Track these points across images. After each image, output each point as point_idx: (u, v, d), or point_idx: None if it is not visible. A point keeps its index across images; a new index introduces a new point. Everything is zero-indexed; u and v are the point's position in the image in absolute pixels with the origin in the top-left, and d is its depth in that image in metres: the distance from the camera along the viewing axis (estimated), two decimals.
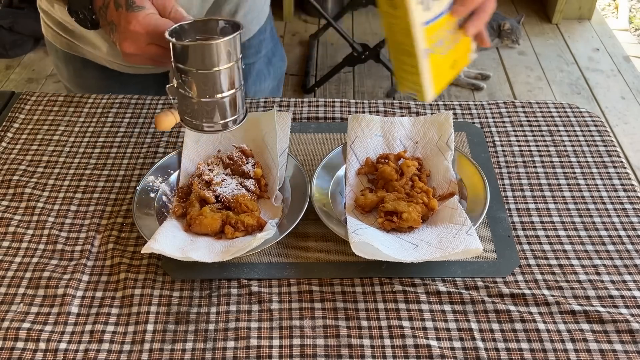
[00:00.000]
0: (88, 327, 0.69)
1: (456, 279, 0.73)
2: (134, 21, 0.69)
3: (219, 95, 0.69)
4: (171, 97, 0.71)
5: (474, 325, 0.68)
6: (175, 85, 0.69)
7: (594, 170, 0.88)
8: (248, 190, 0.81)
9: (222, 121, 0.71)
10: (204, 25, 0.71)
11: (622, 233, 0.79)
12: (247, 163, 0.84)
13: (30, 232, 0.80)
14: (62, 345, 0.67)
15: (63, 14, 1.00)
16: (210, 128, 0.71)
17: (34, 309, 0.70)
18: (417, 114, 0.98)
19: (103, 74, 1.07)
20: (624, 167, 0.88)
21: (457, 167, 0.84)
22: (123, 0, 0.71)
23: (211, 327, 0.69)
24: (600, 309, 0.69)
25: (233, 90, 0.69)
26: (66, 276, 0.74)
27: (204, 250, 0.73)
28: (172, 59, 0.68)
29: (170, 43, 0.66)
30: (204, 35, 0.71)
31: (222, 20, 0.71)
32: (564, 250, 0.76)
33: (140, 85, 1.09)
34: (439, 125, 0.87)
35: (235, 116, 0.72)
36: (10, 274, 0.75)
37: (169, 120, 0.71)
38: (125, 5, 0.70)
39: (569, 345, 0.66)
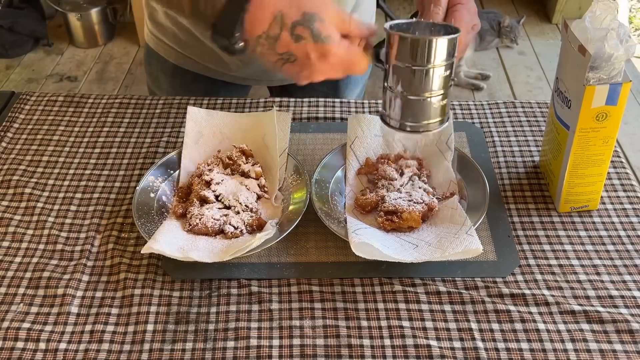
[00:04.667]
0: (88, 327, 0.69)
1: (456, 279, 0.73)
2: (329, 54, 0.67)
3: (435, 93, 0.68)
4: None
5: (474, 325, 0.68)
6: (387, 84, 0.69)
7: None
8: (248, 190, 0.81)
9: (433, 120, 0.70)
10: (413, 26, 0.71)
11: (622, 233, 0.79)
12: (247, 163, 0.84)
13: (30, 232, 0.80)
14: (62, 345, 0.67)
15: (181, 30, 1.02)
16: (423, 129, 0.70)
17: (34, 309, 0.70)
18: None
19: (212, 85, 1.09)
20: (624, 167, 0.88)
21: (457, 167, 0.84)
22: (306, 31, 0.66)
23: (211, 327, 0.69)
24: (600, 309, 0.69)
25: (445, 90, 0.69)
26: (66, 276, 0.74)
27: (204, 250, 0.73)
28: (389, 55, 0.68)
29: (397, 36, 0.66)
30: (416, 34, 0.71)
31: (426, 22, 0.71)
32: (564, 250, 0.76)
33: (244, 90, 1.12)
34: None
35: (444, 117, 0.71)
36: (10, 274, 0.75)
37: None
38: (312, 37, 0.66)
39: (569, 345, 0.66)
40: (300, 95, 1.02)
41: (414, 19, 0.72)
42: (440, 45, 0.65)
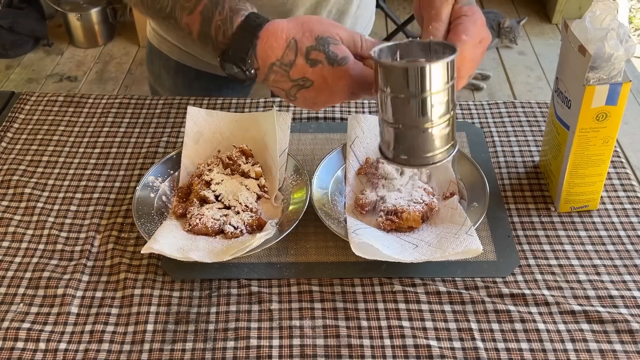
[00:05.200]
0: (88, 327, 0.69)
1: (456, 279, 0.73)
2: (345, 76, 0.65)
3: (435, 123, 0.62)
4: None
5: (474, 325, 0.68)
6: (383, 116, 0.63)
7: None
8: (248, 190, 0.81)
9: (439, 150, 0.63)
10: (405, 48, 0.65)
11: (622, 233, 0.78)
12: (247, 163, 0.84)
13: (30, 232, 0.80)
14: (62, 345, 0.67)
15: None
16: (429, 161, 0.64)
17: (34, 309, 0.70)
18: None
19: (214, 83, 1.09)
20: (624, 167, 0.88)
21: (457, 167, 0.84)
22: (321, 55, 0.65)
23: (211, 327, 0.69)
24: (600, 309, 0.69)
25: (448, 116, 0.62)
26: (66, 276, 0.74)
27: (204, 250, 0.73)
28: (382, 85, 0.61)
29: (381, 66, 0.61)
30: (408, 58, 0.66)
31: (421, 42, 0.65)
32: (564, 250, 0.76)
33: (247, 88, 1.12)
34: None
35: (451, 143, 0.65)
36: (10, 274, 0.75)
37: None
38: (327, 60, 0.65)
39: (569, 345, 0.66)
40: None
41: (406, 40, 0.67)
42: (434, 71, 0.59)
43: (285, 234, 0.74)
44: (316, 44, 0.66)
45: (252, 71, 0.68)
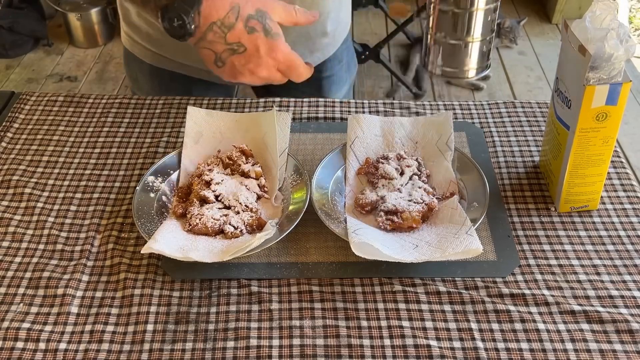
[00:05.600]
0: (88, 327, 0.69)
1: (456, 279, 0.73)
2: (277, 49, 0.71)
3: (477, 38, 0.70)
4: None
5: (474, 325, 0.68)
6: (431, 30, 0.70)
7: None
8: (248, 190, 0.81)
9: (479, 66, 0.71)
10: None
11: (622, 233, 0.79)
12: (247, 163, 0.84)
13: (30, 232, 0.80)
14: (62, 345, 0.67)
15: (154, 29, 1.02)
16: (462, 74, 0.72)
17: (34, 309, 0.70)
18: (417, 114, 0.98)
19: (191, 84, 1.10)
20: (624, 167, 0.88)
21: (457, 167, 0.84)
22: (259, 25, 0.71)
23: (211, 327, 0.69)
24: (600, 309, 0.69)
25: (491, 35, 0.70)
26: (66, 276, 0.74)
27: (204, 250, 0.73)
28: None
29: None
30: None
31: None
32: (564, 250, 0.76)
33: (224, 89, 1.12)
34: (438, 126, 0.87)
35: (488, 62, 0.73)
36: (10, 274, 0.75)
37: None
38: (263, 31, 0.71)
39: (569, 345, 0.66)
40: (284, 96, 1.02)
41: None
42: None
43: (285, 234, 0.75)
44: (255, 14, 0.71)
45: (192, 27, 0.72)
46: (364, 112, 0.99)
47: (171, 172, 0.85)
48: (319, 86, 1.17)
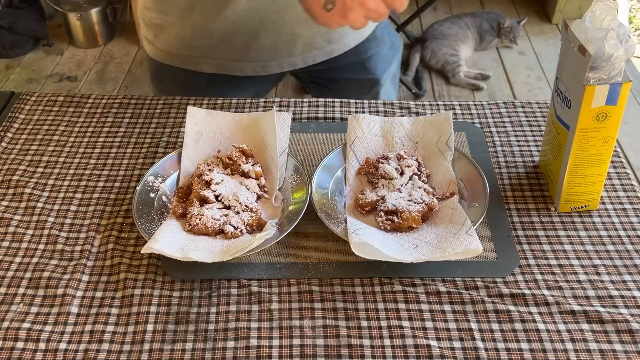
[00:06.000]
0: (88, 327, 0.69)
1: (456, 279, 0.73)
2: None
3: None
4: None
5: (474, 325, 0.68)
6: None
7: None
8: (248, 190, 0.81)
9: None
10: None
11: (622, 233, 0.78)
12: (247, 163, 0.84)
13: (30, 232, 0.80)
14: (62, 345, 0.67)
15: (189, 28, 1.03)
16: None
17: (34, 309, 0.70)
18: (417, 114, 0.98)
19: (227, 84, 1.11)
20: (624, 167, 0.88)
21: (457, 167, 0.84)
22: None
23: (211, 327, 0.69)
24: (600, 309, 0.69)
25: None
26: (66, 276, 0.74)
27: (204, 250, 0.73)
28: None
29: None
30: None
31: None
32: (564, 250, 0.76)
33: (251, 87, 1.13)
34: (438, 126, 0.87)
35: None
36: (10, 274, 0.75)
37: None
38: None
39: (569, 345, 0.66)
40: (336, 92, 1.02)
41: None
42: None
43: (285, 234, 0.75)
44: None
45: None
46: (364, 112, 0.99)
47: (171, 172, 0.85)
48: (365, 68, 1.18)
